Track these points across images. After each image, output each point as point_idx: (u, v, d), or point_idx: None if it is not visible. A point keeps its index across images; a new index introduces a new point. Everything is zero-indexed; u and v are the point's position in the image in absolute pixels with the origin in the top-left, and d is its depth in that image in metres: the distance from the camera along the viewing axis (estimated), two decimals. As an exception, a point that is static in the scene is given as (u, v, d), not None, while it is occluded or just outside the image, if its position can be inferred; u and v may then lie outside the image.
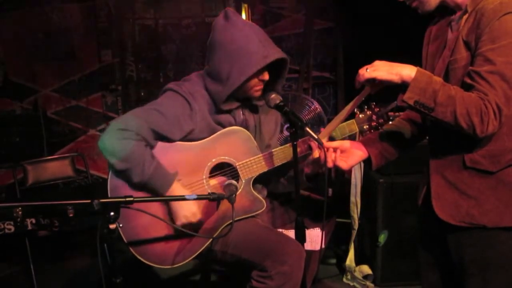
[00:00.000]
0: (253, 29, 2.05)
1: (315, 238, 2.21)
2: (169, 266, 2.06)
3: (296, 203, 1.92)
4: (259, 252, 2.01)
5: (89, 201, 1.51)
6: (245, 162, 2.12)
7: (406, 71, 1.55)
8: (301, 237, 1.93)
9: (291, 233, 2.12)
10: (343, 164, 1.88)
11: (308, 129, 1.81)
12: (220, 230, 2.09)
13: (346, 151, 1.89)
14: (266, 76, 2.08)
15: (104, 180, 4.31)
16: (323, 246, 2.04)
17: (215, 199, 1.78)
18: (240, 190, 2.10)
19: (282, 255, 1.97)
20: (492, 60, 1.47)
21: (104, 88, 4.66)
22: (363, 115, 2.14)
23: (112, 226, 1.53)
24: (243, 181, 2.12)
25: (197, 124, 2.08)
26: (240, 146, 2.13)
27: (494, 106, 1.47)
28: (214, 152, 2.11)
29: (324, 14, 4.68)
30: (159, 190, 2.01)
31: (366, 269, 3.17)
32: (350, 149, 1.90)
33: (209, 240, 2.08)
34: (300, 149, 2.09)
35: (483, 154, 1.57)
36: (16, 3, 4.37)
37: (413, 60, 1.62)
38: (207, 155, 2.10)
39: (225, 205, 2.06)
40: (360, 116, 2.14)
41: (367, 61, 1.65)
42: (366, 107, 2.14)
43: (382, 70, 1.58)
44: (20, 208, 3.08)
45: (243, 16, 4.11)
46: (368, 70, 1.59)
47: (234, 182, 1.93)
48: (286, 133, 3.38)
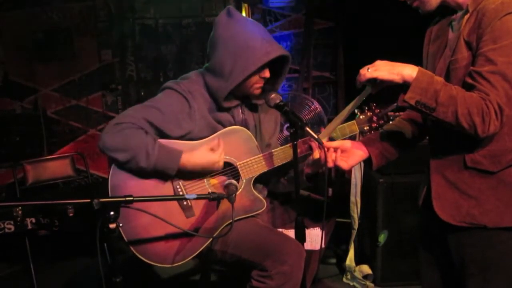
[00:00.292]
0: (255, 26, 2.06)
1: (315, 237, 2.21)
2: (169, 265, 2.06)
3: (296, 203, 1.92)
4: (259, 252, 2.01)
5: (89, 200, 1.51)
6: (245, 162, 2.12)
7: (407, 71, 1.54)
8: (301, 237, 1.93)
9: (291, 233, 2.12)
10: (343, 164, 1.88)
11: (308, 129, 1.81)
12: (220, 229, 2.08)
13: (346, 151, 1.89)
14: (267, 73, 2.08)
15: (104, 179, 4.33)
16: (323, 246, 2.04)
17: (215, 198, 1.78)
18: (240, 190, 2.10)
19: (282, 255, 1.96)
20: (493, 60, 1.47)
21: (104, 87, 4.66)
22: (363, 116, 2.14)
23: (112, 225, 1.53)
24: (244, 180, 2.12)
25: (196, 123, 2.07)
26: (241, 146, 2.12)
27: (496, 106, 1.46)
28: (215, 151, 2.10)
29: (324, 13, 4.67)
30: (171, 169, 1.99)
31: (366, 269, 3.17)
32: (350, 149, 1.90)
33: (209, 240, 2.08)
34: (300, 149, 2.09)
35: (484, 154, 1.57)
36: (16, 3, 4.37)
37: (413, 60, 1.62)
38: (207, 154, 2.10)
39: (225, 205, 2.06)
40: (360, 117, 2.14)
41: (367, 61, 1.65)
42: (367, 108, 2.13)
43: (383, 70, 1.57)
44: (20, 208, 3.08)
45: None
46: (369, 70, 1.59)
47: (234, 181, 1.93)
48: (286, 132, 3.38)
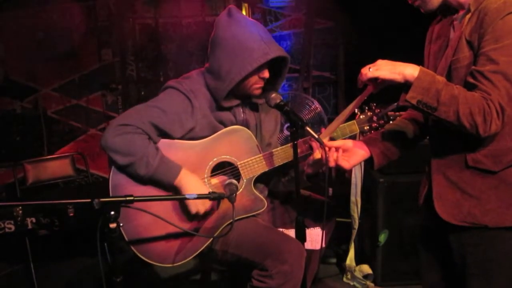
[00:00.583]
0: (255, 27, 2.05)
1: (315, 237, 2.21)
2: (170, 265, 2.06)
3: (297, 202, 1.92)
4: (260, 251, 2.01)
5: (89, 200, 1.51)
6: (246, 162, 2.12)
7: (409, 71, 1.54)
8: (301, 237, 1.93)
9: (291, 233, 2.12)
10: (345, 164, 1.87)
11: (308, 128, 1.81)
12: (220, 229, 2.08)
13: (348, 150, 1.89)
14: (266, 73, 2.07)
15: (105, 179, 4.33)
16: (323, 246, 2.04)
17: (215, 198, 1.78)
18: (241, 190, 2.10)
19: (282, 254, 1.96)
20: (495, 60, 1.47)
21: (105, 87, 4.66)
22: (363, 116, 2.14)
23: (112, 225, 1.53)
24: (244, 180, 2.12)
25: (197, 122, 2.07)
26: (241, 145, 2.12)
27: (497, 105, 1.47)
28: (216, 151, 2.10)
29: (324, 13, 4.67)
30: (167, 182, 2.00)
31: (366, 268, 3.17)
32: (352, 149, 1.89)
33: (210, 239, 2.08)
34: (301, 149, 2.09)
35: (486, 154, 1.57)
36: (16, 3, 4.36)
37: (414, 60, 1.62)
38: (208, 154, 2.10)
39: (225, 204, 2.07)
40: (361, 116, 2.14)
41: (368, 61, 1.64)
42: (367, 108, 2.13)
43: (384, 69, 1.57)
44: (20, 208, 3.08)
45: (243, 16, 4.10)
46: (370, 69, 1.59)
47: (234, 181, 1.93)
48: (286, 132, 3.38)
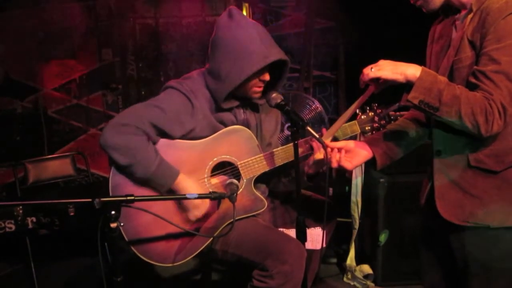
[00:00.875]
0: (256, 29, 2.04)
1: (316, 237, 2.21)
2: (170, 265, 2.06)
3: (297, 202, 1.92)
4: (260, 251, 2.01)
5: (90, 200, 1.51)
6: (246, 161, 2.12)
7: (411, 71, 1.54)
8: (302, 237, 1.93)
9: (292, 233, 2.12)
10: (347, 165, 1.87)
11: (309, 128, 1.81)
12: (221, 229, 2.08)
13: (350, 151, 1.89)
14: (266, 76, 2.07)
15: (105, 178, 4.33)
16: (324, 245, 2.04)
17: (216, 198, 1.78)
18: (241, 189, 2.10)
19: (282, 254, 1.96)
20: (497, 60, 1.47)
21: (105, 87, 4.66)
22: (365, 116, 2.13)
23: (113, 225, 1.53)
24: (245, 180, 2.12)
25: (198, 122, 2.07)
26: (242, 145, 2.12)
27: (499, 105, 1.47)
28: (216, 150, 2.10)
29: (325, 13, 4.67)
30: (164, 185, 2.00)
31: (366, 268, 3.17)
32: (354, 149, 1.89)
33: (210, 239, 2.08)
34: (301, 149, 2.09)
35: (488, 154, 1.57)
36: (17, 2, 4.36)
37: (415, 60, 1.62)
38: (208, 153, 2.10)
39: (226, 204, 2.06)
40: (362, 117, 2.13)
41: (368, 61, 1.64)
42: (368, 108, 2.13)
43: (386, 69, 1.57)
44: (20, 207, 3.08)
45: (244, 15, 4.10)
46: (372, 70, 1.58)
47: (235, 181, 1.93)
48: (287, 132, 3.38)
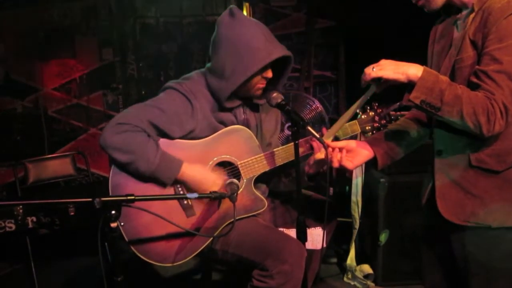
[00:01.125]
0: (258, 26, 2.05)
1: (316, 237, 2.21)
2: (170, 264, 2.06)
3: (298, 202, 1.91)
4: (260, 251, 2.01)
5: (90, 199, 1.51)
6: (246, 161, 2.11)
7: (412, 70, 1.54)
8: (302, 236, 1.92)
9: (292, 232, 2.12)
10: (349, 164, 1.87)
11: (310, 128, 1.80)
12: (221, 229, 2.08)
13: (352, 151, 1.88)
14: (269, 73, 2.07)
15: (105, 178, 4.32)
16: (324, 245, 2.03)
17: (216, 197, 1.77)
18: (241, 189, 2.09)
19: (283, 254, 1.96)
20: (499, 59, 1.47)
21: (105, 86, 4.66)
22: (365, 116, 2.13)
23: (113, 224, 1.53)
24: (245, 180, 2.12)
25: (198, 123, 2.07)
26: (242, 145, 2.12)
27: (501, 105, 1.46)
28: (216, 150, 2.10)
29: (325, 13, 4.67)
30: (169, 177, 1.99)
31: (367, 268, 3.17)
32: (355, 149, 1.88)
33: (210, 239, 2.07)
34: (302, 148, 2.08)
35: (489, 154, 1.57)
36: (17, 2, 4.36)
37: (416, 59, 1.61)
38: (209, 153, 2.10)
39: (226, 204, 2.06)
40: (362, 116, 2.13)
41: (368, 60, 1.64)
42: (369, 108, 2.13)
43: (388, 69, 1.56)
44: (21, 207, 3.08)
45: (244, 15, 4.10)
46: (374, 69, 1.58)
47: (235, 181, 1.92)
48: (287, 132, 3.38)
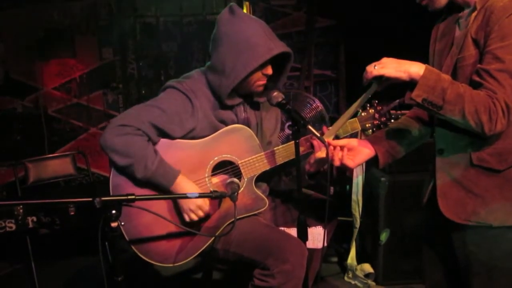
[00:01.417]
0: (258, 23, 2.04)
1: (317, 236, 2.20)
2: (171, 265, 2.06)
3: (298, 201, 1.91)
4: (261, 251, 2.01)
5: (91, 199, 1.51)
6: (247, 160, 2.11)
7: (414, 69, 1.53)
8: (303, 236, 1.92)
9: (293, 231, 2.11)
10: (350, 163, 1.86)
11: (310, 127, 1.80)
12: (222, 228, 2.08)
13: (353, 149, 1.88)
14: (269, 70, 2.06)
15: (106, 178, 4.33)
16: (325, 244, 2.03)
17: (217, 197, 1.77)
18: (242, 189, 2.09)
19: (284, 254, 1.96)
20: (501, 58, 1.46)
21: (105, 86, 4.66)
22: (365, 114, 2.13)
23: (113, 224, 1.53)
24: (245, 179, 2.11)
25: (198, 122, 2.07)
26: (242, 144, 2.12)
27: (503, 104, 1.46)
28: (217, 150, 2.10)
29: (325, 11, 4.67)
30: (164, 186, 2.01)
31: (367, 267, 3.17)
32: (357, 147, 1.88)
33: (211, 239, 2.07)
34: (303, 147, 2.08)
35: (491, 153, 1.57)
36: (17, 1, 4.36)
37: (417, 58, 1.61)
38: (209, 153, 2.09)
39: (227, 203, 2.06)
40: (362, 114, 2.13)
41: (369, 59, 1.64)
42: (369, 106, 2.12)
43: (390, 67, 1.56)
44: (21, 206, 3.08)
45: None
46: (376, 67, 1.57)
47: (236, 180, 1.92)
48: (287, 131, 3.38)
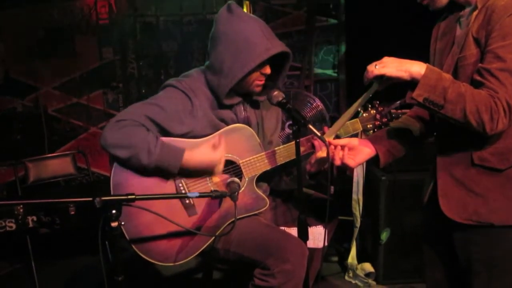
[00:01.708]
0: (256, 22, 2.03)
1: (317, 235, 2.20)
2: (171, 264, 2.05)
3: (299, 201, 1.91)
4: (262, 250, 2.00)
5: (91, 199, 1.51)
6: (248, 160, 2.11)
7: (415, 68, 1.53)
8: (303, 235, 1.92)
9: (293, 231, 2.11)
10: (351, 162, 1.86)
11: (311, 127, 1.80)
12: (222, 228, 2.07)
13: (354, 148, 1.87)
14: (268, 70, 2.05)
15: (106, 177, 4.33)
16: (325, 244, 2.03)
17: (217, 196, 1.77)
18: (242, 188, 2.09)
19: (284, 253, 1.96)
20: (502, 58, 1.46)
21: (105, 85, 4.66)
22: (367, 114, 2.12)
23: (114, 224, 1.53)
24: (246, 179, 2.11)
25: (198, 121, 2.06)
26: (243, 144, 2.11)
27: (504, 103, 1.46)
28: (217, 149, 2.09)
29: (325, 11, 4.67)
30: (173, 165, 1.97)
31: (368, 266, 3.17)
32: (357, 147, 1.87)
33: (212, 238, 2.07)
34: (303, 147, 2.08)
35: (492, 152, 1.56)
36: (17, 1, 4.35)
37: (417, 57, 1.61)
38: (210, 152, 2.09)
39: (227, 203, 2.06)
40: (364, 115, 2.12)
41: (369, 59, 1.63)
42: (370, 106, 2.12)
43: (391, 66, 1.56)
44: (21, 206, 3.08)
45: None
46: (377, 67, 1.57)
47: (236, 180, 1.92)
48: (287, 130, 3.38)
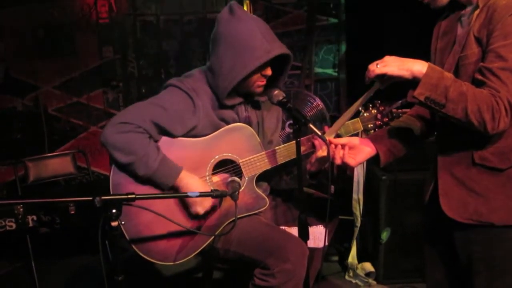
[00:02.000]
0: (257, 23, 2.02)
1: (318, 235, 2.20)
2: (171, 263, 2.05)
3: (299, 200, 1.90)
4: (262, 250, 2.00)
5: (91, 198, 1.50)
6: (248, 159, 2.10)
7: (417, 67, 1.53)
8: (304, 235, 1.92)
9: (294, 231, 2.11)
10: (351, 161, 1.86)
11: (311, 126, 1.79)
12: (222, 227, 2.07)
13: (354, 147, 1.87)
14: (268, 71, 2.06)
15: (106, 177, 4.31)
16: (326, 244, 2.03)
17: (217, 196, 1.76)
18: (243, 188, 2.09)
19: (284, 253, 1.95)
20: (504, 57, 1.46)
21: (105, 84, 4.65)
22: (367, 114, 2.12)
23: (113, 223, 1.52)
24: (246, 178, 2.11)
25: (200, 121, 2.06)
26: (243, 143, 2.11)
27: (506, 103, 1.45)
28: (218, 148, 2.09)
29: (326, 10, 4.66)
30: (166, 183, 1.99)
31: (368, 266, 3.16)
32: (358, 146, 1.87)
33: (212, 238, 2.07)
34: (304, 147, 2.07)
35: (493, 151, 1.56)
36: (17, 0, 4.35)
37: (419, 56, 1.60)
38: (210, 151, 2.09)
39: (227, 202, 2.06)
40: (364, 114, 2.12)
41: (369, 58, 1.63)
42: (371, 106, 2.12)
43: (392, 65, 1.55)
44: (21, 205, 3.08)
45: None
46: (378, 66, 1.57)
47: (237, 179, 1.91)
48: (288, 130, 3.37)
